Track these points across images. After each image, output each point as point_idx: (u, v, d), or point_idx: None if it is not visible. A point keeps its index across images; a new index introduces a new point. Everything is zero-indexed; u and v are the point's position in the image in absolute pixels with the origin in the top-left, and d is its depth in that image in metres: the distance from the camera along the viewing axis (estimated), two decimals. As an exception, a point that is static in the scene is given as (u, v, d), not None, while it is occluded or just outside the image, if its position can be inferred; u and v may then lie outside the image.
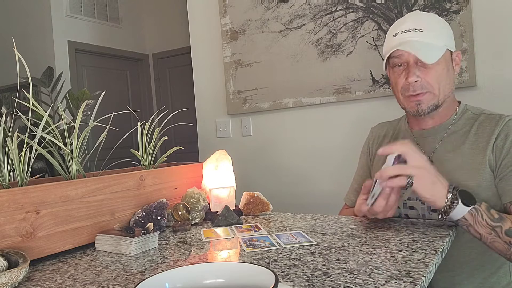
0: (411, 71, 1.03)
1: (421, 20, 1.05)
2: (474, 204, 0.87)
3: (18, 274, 0.69)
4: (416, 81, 1.03)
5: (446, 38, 1.04)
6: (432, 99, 1.04)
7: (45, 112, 1.00)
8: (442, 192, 0.87)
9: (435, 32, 1.03)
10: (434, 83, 1.02)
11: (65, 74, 3.34)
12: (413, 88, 1.04)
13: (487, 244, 0.89)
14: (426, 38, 1.02)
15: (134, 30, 4.77)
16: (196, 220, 1.18)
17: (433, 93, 1.03)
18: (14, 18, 4.13)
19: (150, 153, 1.26)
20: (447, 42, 1.04)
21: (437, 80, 1.02)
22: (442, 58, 1.02)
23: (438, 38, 1.02)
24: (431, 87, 1.03)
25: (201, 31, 2.49)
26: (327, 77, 2.02)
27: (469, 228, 0.89)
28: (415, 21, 1.04)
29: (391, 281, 0.63)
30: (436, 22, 1.06)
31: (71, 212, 0.94)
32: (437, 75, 1.02)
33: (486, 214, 0.87)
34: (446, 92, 1.05)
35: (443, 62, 1.03)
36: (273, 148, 2.26)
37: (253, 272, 0.53)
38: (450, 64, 1.06)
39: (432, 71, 1.02)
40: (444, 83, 1.04)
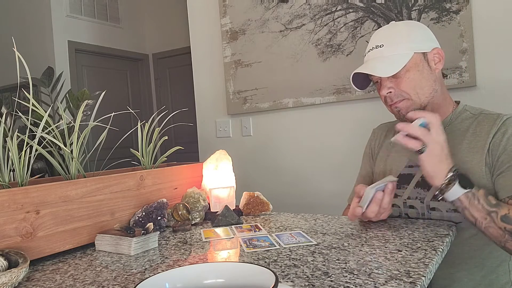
0: (382, 84, 1.08)
1: (383, 35, 1.09)
2: (471, 188, 0.89)
3: (18, 274, 0.69)
4: (390, 92, 1.07)
5: (412, 43, 1.05)
6: (410, 105, 1.07)
7: (45, 112, 1.00)
8: (443, 171, 0.90)
9: (395, 44, 1.06)
10: (408, 89, 1.05)
11: (65, 74, 3.34)
12: (390, 99, 1.09)
13: (482, 230, 0.91)
14: (386, 52, 1.06)
15: (134, 30, 4.77)
16: (196, 220, 1.18)
17: (410, 99, 1.06)
18: (14, 18, 4.13)
19: (150, 153, 1.26)
20: (414, 47, 1.05)
21: (410, 86, 1.05)
22: (411, 63, 1.04)
23: (399, 47, 1.05)
24: (406, 94, 1.06)
25: (201, 31, 2.49)
26: (327, 77, 2.02)
27: (464, 211, 0.91)
28: (378, 38, 1.10)
29: (391, 281, 0.63)
30: (397, 32, 1.08)
31: (71, 212, 0.94)
32: (409, 81, 1.05)
33: (483, 199, 0.90)
34: (426, 94, 1.06)
35: (413, 67, 1.05)
36: (273, 148, 2.26)
37: (253, 272, 0.53)
38: (425, 65, 1.06)
39: (403, 79, 1.05)
40: (420, 87, 1.05)
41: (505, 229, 0.87)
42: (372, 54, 1.09)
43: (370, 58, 1.10)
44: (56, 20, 3.94)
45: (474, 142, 1.03)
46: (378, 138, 1.29)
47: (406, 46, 1.05)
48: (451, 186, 0.89)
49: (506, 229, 0.87)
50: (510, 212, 0.88)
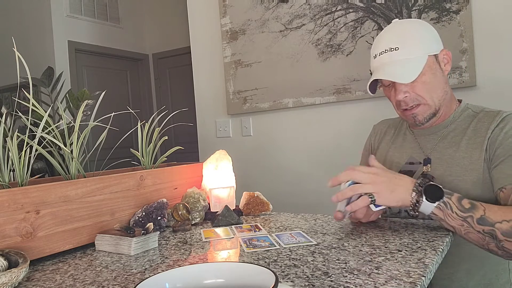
0: (398, 89, 1.04)
1: (395, 36, 1.04)
2: (440, 199, 0.86)
3: (18, 274, 0.69)
4: (406, 97, 1.04)
5: (425, 46, 1.02)
6: (427, 109, 1.05)
7: (45, 112, 1.00)
8: (405, 194, 0.88)
9: (411, 46, 1.01)
10: (424, 94, 1.03)
11: (65, 74, 3.34)
12: (405, 104, 1.05)
13: (463, 237, 0.88)
14: (402, 55, 1.01)
15: (134, 30, 4.77)
16: (196, 220, 1.18)
17: (426, 104, 1.04)
18: (14, 18, 4.13)
19: (150, 153, 1.26)
20: (427, 49, 1.02)
21: (426, 91, 1.03)
22: (425, 68, 1.01)
23: (415, 51, 1.01)
24: (422, 98, 1.03)
25: (201, 31, 2.49)
26: (327, 77, 2.02)
27: (442, 222, 0.88)
28: (390, 39, 1.04)
29: (391, 281, 0.63)
30: (411, 33, 1.04)
31: (71, 212, 0.94)
32: (424, 86, 1.02)
33: (456, 206, 0.86)
34: (440, 97, 1.05)
35: (427, 71, 1.02)
36: (273, 148, 2.26)
37: (253, 272, 0.53)
38: (437, 67, 1.04)
39: (419, 83, 1.02)
40: (434, 90, 1.04)
41: (484, 232, 0.84)
42: (386, 57, 1.03)
43: (385, 62, 1.04)
44: (56, 20, 3.94)
45: (473, 138, 1.03)
46: (378, 134, 1.29)
47: (420, 49, 1.01)
48: (420, 205, 0.87)
49: (484, 231, 0.84)
50: (485, 212, 0.84)
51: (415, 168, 1.11)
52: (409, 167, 1.12)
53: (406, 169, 1.13)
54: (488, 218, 0.83)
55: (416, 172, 1.11)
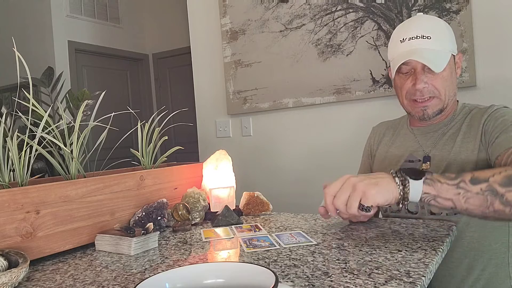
0: (419, 78, 1.04)
1: (428, 26, 1.05)
2: (423, 176, 0.80)
3: (18, 274, 0.69)
4: (424, 87, 1.05)
5: (450, 43, 1.06)
6: (438, 104, 1.07)
7: (45, 112, 1.00)
8: (389, 183, 0.80)
9: (441, 39, 1.04)
10: (440, 88, 1.05)
11: (65, 74, 3.34)
12: (420, 94, 1.06)
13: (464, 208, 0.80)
14: (434, 45, 1.03)
15: (134, 30, 4.77)
16: (196, 220, 1.18)
17: (439, 98, 1.06)
18: (14, 18, 4.13)
19: (150, 153, 1.26)
20: (451, 48, 1.06)
21: (443, 86, 1.05)
22: (447, 64, 1.04)
23: (444, 45, 1.04)
24: (438, 92, 1.06)
25: (201, 31, 2.49)
26: (327, 77, 2.02)
27: (437, 199, 0.80)
28: (423, 28, 1.05)
29: (391, 281, 0.63)
30: (441, 28, 1.06)
31: (71, 212, 0.94)
32: (443, 80, 1.05)
33: (443, 178, 0.80)
34: (451, 96, 1.08)
35: (448, 68, 1.05)
36: (273, 148, 2.26)
37: (253, 272, 0.53)
38: (453, 68, 1.08)
39: (439, 77, 1.04)
40: (449, 88, 1.07)
41: (482, 190, 0.78)
42: (417, 43, 1.04)
43: (416, 47, 1.03)
44: (56, 20, 3.94)
45: (468, 133, 1.06)
46: (377, 136, 1.30)
47: (447, 45, 1.05)
48: (408, 186, 0.79)
49: (483, 189, 0.78)
50: (474, 174, 0.80)
51: (414, 166, 1.12)
52: (408, 165, 1.13)
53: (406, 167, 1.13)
54: (479, 176, 0.79)
55: None
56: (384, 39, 1.86)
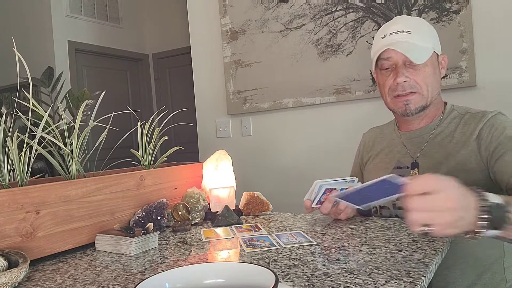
0: (400, 71, 1.04)
1: (409, 22, 1.07)
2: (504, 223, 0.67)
3: (18, 274, 0.69)
4: (405, 81, 1.04)
5: (433, 40, 1.07)
6: (420, 99, 1.06)
7: (45, 112, 1.00)
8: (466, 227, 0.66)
9: (422, 34, 1.05)
10: (422, 84, 1.04)
11: (65, 74, 3.33)
12: (402, 88, 1.05)
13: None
14: (414, 39, 1.03)
15: (134, 30, 4.77)
16: (196, 220, 1.18)
17: (421, 93, 1.05)
18: (14, 18, 4.13)
19: (150, 153, 1.26)
20: (434, 45, 1.06)
21: (425, 81, 1.05)
22: (429, 60, 1.04)
23: (425, 40, 1.05)
24: (420, 87, 1.05)
25: (201, 31, 2.49)
26: (327, 77, 2.02)
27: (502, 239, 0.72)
28: (403, 24, 1.06)
29: (391, 281, 0.63)
30: (423, 25, 1.08)
31: (71, 212, 0.94)
32: (425, 76, 1.04)
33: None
34: (433, 93, 1.07)
35: (430, 64, 1.05)
36: (273, 148, 2.26)
37: (253, 272, 0.53)
38: (437, 66, 1.08)
39: (420, 72, 1.04)
40: (432, 85, 1.06)
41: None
42: (397, 37, 1.04)
43: (396, 41, 1.04)
44: (56, 20, 3.94)
45: (461, 142, 1.04)
46: (367, 144, 1.30)
47: (430, 41, 1.05)
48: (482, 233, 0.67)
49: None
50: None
51: (402, 173, 1.11)
52: (397, 172, 1.13)
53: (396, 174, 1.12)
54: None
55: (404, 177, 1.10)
56: (384, 39, 1.86)
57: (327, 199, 1.02)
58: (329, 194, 1.02)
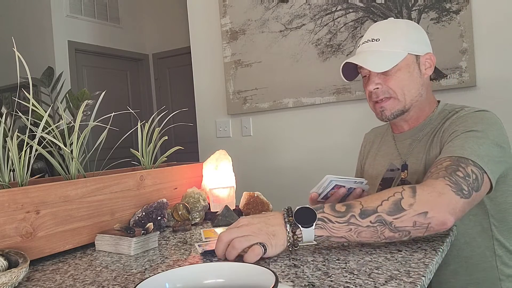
0: (371, 79, 1.06)
1: (380, 29, 1.07)
2: (314, 219, 0.77)
3: (18, 274, 0.69)
4: (377, 88, 1.05)
5: (407, 43, 1.04)
6: (396, 104, 1.05)
7: (45, 112, 1.00)
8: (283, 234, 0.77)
9: (392, 40, 1.04)
10: (396, 88, 1.04)
11: (65, 74, 3.33)
12: (376, 95, 1.06)
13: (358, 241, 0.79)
14: (381, 47, 1.03)
15: (134, 30, 4.77)
16: (196, 220, 1.18)
17: (396, 98, 1.05)
18: (14, 18, 4.13)
19: (150, 153, 1.26)
20: (409, 47, 1.03)
21: (399, 86, 1.03)
22: (403, 63, 1.03)
23: (395, 45, 1.03)
24: (394, 92, 1.04)
25: (201, 31, 2.49)
26: (327, 77, 2.02)
27: (330, 239, 0.79)
28: (375, 31, 1.07)
29: (391, 281, 0.63)
30: (396, 29, 1.06)
31: (71, 212, 0.94)
32: (398, 80, 1.03)
33: (332, 215, 0.77)
34: (412, 96, 1.05)
35: (404, 67, 1.03)
36: (273, 148, 2.26)
37: (253, 272, 0.53)
38: (415, 68, 1.05)
39: (392, 77, 1.03)
40: (408, 88, 1.04)
41: (372, 223, 0.76)
42: (366, 46, 1.06)
43: (363, 50, 1.07)
44: (56, 20, 3.94)
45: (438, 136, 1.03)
46: (367, 144, 1.31)
47: (401, 45, 1.03)
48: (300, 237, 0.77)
49: (372, 222, 0.76)
50: (363, 205, 0.78)
51: (394, 174, 1.11)
52: (390, 174, 1.13)
53: (388, 176, 1.13)
54: (368, 208, 0.77)
55: (395, 179, 1.10)
56: (384, 39, 1.86)
57: (334, 195, 1.01)
58: (336, 191, 1.01)
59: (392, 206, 0.77)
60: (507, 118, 1.30)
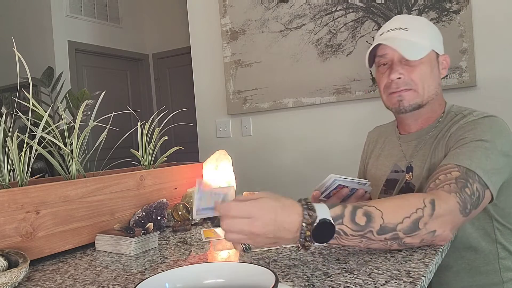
0: (394, 68, 1.02)
1: (407, 20, 1.06)
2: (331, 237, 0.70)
3: (18, 274, 0.69)
4: (399, 78, 1.02)
5: (432, 39, 1.04)
6: (415, 97, 1.03)
7: (45, 112, 1.00)
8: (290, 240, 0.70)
9: (420, 31, 1.03)
10: (418, 81, 1.02)
11: (65, 74, 3.33)
12: (396, 85, 1.03)
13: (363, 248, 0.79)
14: (410, 36, 1.02)
15: (134, 30, 4.77)
16: (196, 220, 1.18)
17: (416, 91, 1.03)
18: (14, 18, 4.13)
19: (150, 153, 1.26)
20: (433, 43, 1.04)
21: (421, 79, 1.02)
22: (426, 58, 1.02)
23: (423, 37, 1.03)
24: (415, 84, 1.02)
25: (201, 31, 2.49)
26: (327, 77, 2.02)
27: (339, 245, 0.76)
28: (401, 21, 1.05)
29: (391, 281, 0.63)
30: (422, 23, 1.06)
31: (71, 212, 0.94)
32: (421, 73, 1.02)
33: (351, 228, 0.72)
34: (430, 92, 1.04)
35: (427, 62, 1.03)
36: (273, 148, 2.25)
37: (253, 272, 0.53)
38: (436, 66, 1.05)
39: (416, 69, 1.02)
40: (428, 83, 1.03)
41: (386, 239, 0.74)
42: (395, 33, 1.03)
43: (391, 37, 1.03)
44: (56, 20, 3.94)
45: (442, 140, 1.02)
46: (371, 143, 1.29)
47: (427, 39, 1.03)
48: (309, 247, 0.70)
49: (386, 238, 0.74)
50: (384, 219, 0.73)
51: (399, 176, 1.10)
52: (394, 176, 1.11)
53: (392, 178, 1.12)
54: (388, 225, 0.73)
55: (399, 181, 1.09)
56: (384, 39, 1.86)
57: (337, 194, 1.01)
58: (339, 190, 1.01)
59: (411, 226, 0.74)
60: (507, 118, 1.30)
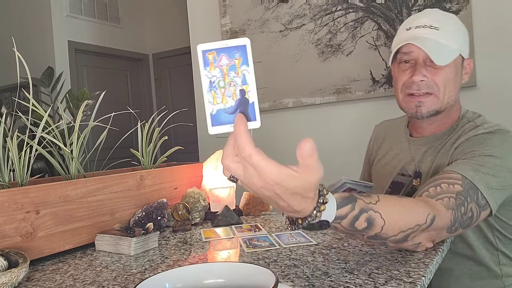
0: (418, 69, 0.96)
1: (438, 18, 0.98)
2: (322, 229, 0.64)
3: (18, 274, 0.69)
4: (422, 81, 0.96)
5: (461, 42, 0.97)
6: (435, 103, 0.97)
7: (45, 112, 1.00)
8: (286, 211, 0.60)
9: (451, 33, 0.96)
10: (440, 85, 0.95)
11: (65, 74, 3.34)
12: (417, 87, 0.96)
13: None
14: (440, 37, 0.95)
15: (134, 30, 4.77)
16: (196, 220, 1.18)
17: (437, 96, 0.97)
18: (14, 18, 4.13)
19: (150, 153, 1.26)
20: (461, 47, 0.97)
21: (444, 83, 0.95)
22: (453, 62, 0.95)
23: (453, 40, 0.96)
24: (438, 89, 0.96)
25: (201, 31, 2.49)
26: (327, 77, 2.02)
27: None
28: (432, 18, 0.97)
29: (391, 281, 0.63)
30: (454, 24, 0.99)
31: (71, 212, 0.94)
32: (445, 77, 0.95)
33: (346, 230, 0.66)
34: (450, 98, 0.98)
35: (453, 66, 0.96)
36: (273, 148, 2.25)
37: (253, 272, 0.53)
38: (460, 70, 0.99)
39: (441, 72, 0.95)
40: (450, 89, 0.97)
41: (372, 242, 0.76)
42: (424, 32, 0.96)
43: (421, 36, 0.96)
44: (56, 20, 3.94)
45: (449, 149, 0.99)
46: (378, 139, 1.25)
47: (457, 42, 0.96)
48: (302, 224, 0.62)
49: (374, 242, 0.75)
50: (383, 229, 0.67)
51: (405, 180, 1.07)
52: (401, 179, 1.08)
53: (398, 180, 1.09)
54: (383, 235, 0.68)
55: (406, 185, 1.07)
56: (384, 39, 1.86)
57: None
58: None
59: (401, 238, 0.71)
60: (507, 118, 1.30)
